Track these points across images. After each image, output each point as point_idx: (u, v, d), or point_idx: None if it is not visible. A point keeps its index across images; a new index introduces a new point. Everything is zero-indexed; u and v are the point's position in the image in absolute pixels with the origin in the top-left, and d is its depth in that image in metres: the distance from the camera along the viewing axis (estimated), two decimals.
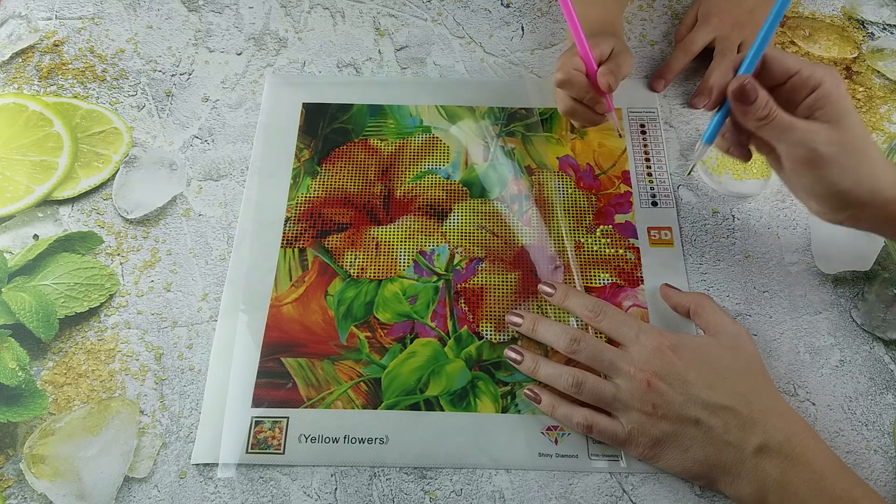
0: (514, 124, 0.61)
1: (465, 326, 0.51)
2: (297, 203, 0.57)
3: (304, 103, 0.62)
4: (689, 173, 0.52)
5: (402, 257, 0.54)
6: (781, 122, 0.42)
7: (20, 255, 0.52)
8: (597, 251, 0.54)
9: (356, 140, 0.60)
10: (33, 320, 0.49)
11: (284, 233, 0.55)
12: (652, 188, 0.58)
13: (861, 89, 0.63)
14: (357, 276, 0.53)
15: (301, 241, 0.55)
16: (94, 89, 0.63)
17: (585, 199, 0.57)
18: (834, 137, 0.42)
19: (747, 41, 0.62)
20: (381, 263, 0.54)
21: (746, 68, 0.43)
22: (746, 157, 0.48)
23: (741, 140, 0.47)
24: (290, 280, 0.53)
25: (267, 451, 0.47)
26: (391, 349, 0.50)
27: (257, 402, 0.48)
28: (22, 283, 0.51)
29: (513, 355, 0.49)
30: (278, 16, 0.68)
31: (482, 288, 0.53)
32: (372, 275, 0.53)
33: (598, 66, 0.52)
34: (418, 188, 0.58)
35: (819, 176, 0.43)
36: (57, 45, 0.66)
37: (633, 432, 0.44)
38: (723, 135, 0.47)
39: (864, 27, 0.67)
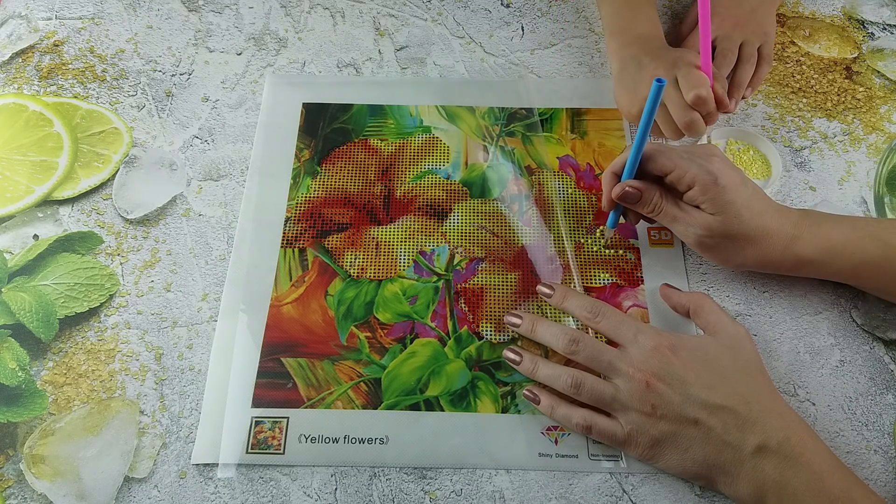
0: (514, 124, 0.61)
1: (465, 326, 0.51)
2: (297, 203, 0.57)
3: (304, 103, 0.62)
4: (605, 245, 0.55)
5: (402, 257, 0.54)
6: (667, 215, 0.49)
7: (20, 255, 0.52)
8: (597, 251, 0.54)
9: (356, 140, 0.60)
10: (33, 320, 0.49)
11: (284, 233, 0.55)
12: None
13: (861, 89, 0.63)
14: (357, 276, 0.53)
15: (301, 241, 0.55)
16: (94, 89, 0.63)
17: (585, 199, 0.57)
18: (715, 229, 0.48)
19: (748, 41, 0.62)
20: (381, 263, 0.54)
21: (627, 173, 0.49)
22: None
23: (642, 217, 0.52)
24: (290, 280, 0.53)
25: (267, 451, 0.47)
26: (391, 349, 0.50)
27: (257, 402, 0.48)
28: (22, 283, 0.51)
29: (512, 356, 0.49)
30: (278, 16, 0.68)
31: (482, 288, 0.53)
32: (372, 275, 0.53)
33: None
34: (418, 188, 0.58)
35: (711, 255, 0.51)
36: (57, 45, 0.66)
37: (632, 433, 0.44)
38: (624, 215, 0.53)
39: (864, 27, 0.67)
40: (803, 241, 0.48)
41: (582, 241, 0.55)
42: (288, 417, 0.48)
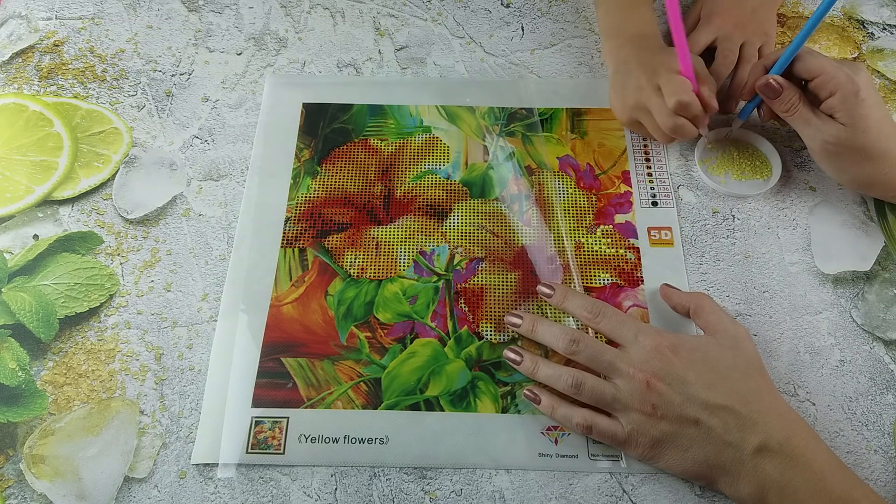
0: (514, 124, 0.61)
1: (465, 326, 0.51)
2: (297, 203, 0.57)
3: (304, 103, 0.62)
4: (727, 136, 0.58)
5: (402, 257, 0.54)
6: (801, 117, 0.51)
7: (20, 255, 0.52)
8: (597, 251, 0.54)
9: (356, 140, 0.60)
10: (33, 320, 0.49)
11: (284, 233, 0.55)
12: (652, 188, 0.58)
13: None
14: (357, 276, 0.53)
15: (301, 241, 0.55)
16: (94, 89, 0.63)
17: (585, 199, 0.57)
18: (841, 139, 0.50)
19: (749, 41, 0.62)
20: (381, 263, 0.54)
21: (777, 68, 0.51)
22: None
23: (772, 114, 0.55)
24: (290, 280, 0.53)
25: (267, 451, 0.47)
26: (391, 349, 0.50)
27: (257, 402, 0.48)
28: (22, 283, 0.51)
29: (512, 356, 0.49)
30: (278, 16, 0.68)
31: (482, 288, 0.53)
32: (372, 275, 0.53)
33: None
34: (418, 188, 0.58)
35: (828, 163, 0.53)
36: (57, 45, 0.66)
37: (632, 433, 0.44)
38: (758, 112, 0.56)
39: (864, 27, 0.67)
40: None
41: (582, 240, 0.55)
42: (288, 417, 0.48)
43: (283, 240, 0.55)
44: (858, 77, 0.49)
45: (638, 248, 0.55)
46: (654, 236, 0.55)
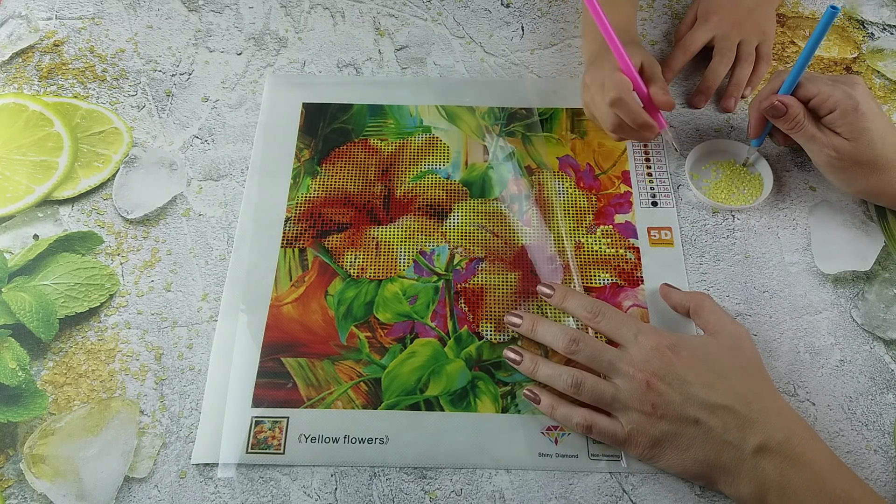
0: (514, 124, 0.61)
1: (465, 326, 0.51)
2: (297, 203, 0.57)
3: (304, 103, 0.62)
4: (747, 164, 0.58)
5: (402, 257, 0.54)
6: (806, 133, 0.52)
7: (20, 255, 0.52)
8: (597, 251, 0.54)
9: (356, 140, 0.60)
10: (33, 320, 0.49)
11: (284, 233, 0.55)
12: (652, 188, 0.58)
13: None
14: (357, 276, 0.53)
15: (301, 241, 0.55)
16: (94, 89, 0.63)
17: (585, 199, 0.57)
18: (847, 153, 0.50)
19: (747, 39, 0.62)
20: (381, 263, 0.54)
21: (785, 90, 0.52)
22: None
23: (785, 138, 0.56)
24: (290, 280, 0.53)
25: (267, 451, 0.47)
26: (391, 349, 0.50)
27: (257, 402, 0.48)
28: (22, 283, 0.51)
29: (512, 356, 0.49)
30: (278, 16, 0.68)
31: (482, 288, 0.53)
32: (372, 275, 0.53)
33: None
34: (418, 188, 0.58)
35: (835, 177, 0.53)
36: (57, 45, 0.66)
37: (632, 432, 0.44)
38: (770, 136, 0.57)
39: (864, 27, 0.67)
40: None
41: (582, 241, 0.55)
42: (288, 417, 0.48)
43: (283, 240, 0.55)
44: (855, 91, 0.50)
45: (638, 248, 0.55)
46: (654, 236, 0.55)
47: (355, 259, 0.54)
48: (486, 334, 0.51)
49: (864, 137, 0.49)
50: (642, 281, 0.53)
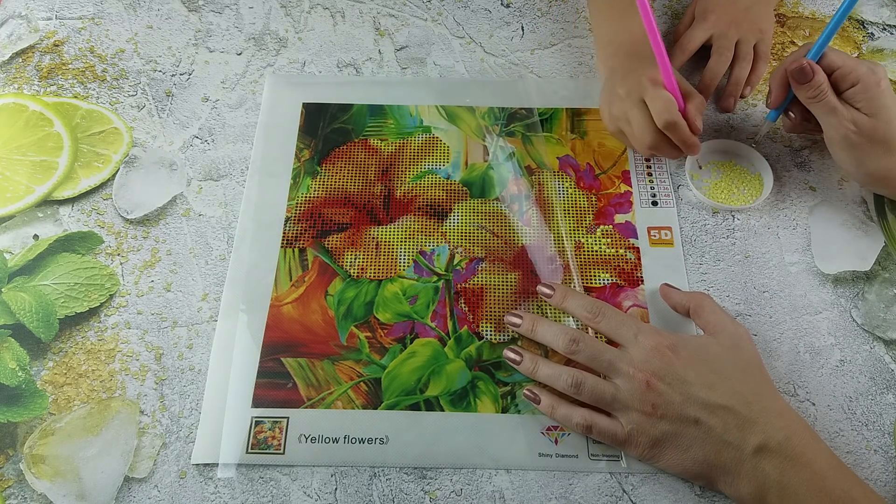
0: (514, 124, 0.61)
1: (465, 326, 0.51)
2: (297, 203, 0.57)
3: (304, 103, 0.62)
4: (757, 139, 0.59)
5: (402, 257, 0.54)
6: (827, 104, 0.51)
7: (20, 255, 0.52)
8: (597, 251, 0.54)
9: (356, 140, 0.60)
10: (33, 320, 0.49)
11: (284, 233, 0.55)
12: (652, 188, 0.58)
13: None
14: (357, 276, 0.53)
15: (301, 241, 0.55)
16: (94, 89, 0.63)
17: (585, 199, 0.57)
18: (865, 128, 0.50)
19: (744, 38, 0.62)
20: (381, 263, 0.54)
21: (813, 55, 0.51)
22: (816, 130, 0.55)
23: (801, 119, 0.55)
24: (290, 280, 0.53)
25: (267, 451, 0.47)
26: (391, 349, 0.50)
27: (257, 402, 0.48)
28: (22, 283, 0.51)
29: (512, 356, 0.49)
30: (278, 16, 0.68)
31: (482, 288, 0.53)
32: (372, 275, 0.53)
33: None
34: (418, 188, 0.58)
35: (848, 155, 0.52)
36: (57, 45, 0.66)
37: (632, 432, 0.44)
38: (786, 113, 0.56)
39: (864, 27, 0.67)
40: None
41: (582, 241, 0.55)
42: (288, 417, 0.48)
43: (283, 240, 0.55)
44: (877, 69, 0.50)
45: (638, 247, 0.55)
46: (654, 236, 0.55)
47: (355, 259, 0.54)
48: (486, 334, 0.51)
49: (883, 114, 0.49)
50: (642, 281, 0.53)
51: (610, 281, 0.53)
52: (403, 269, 0.54)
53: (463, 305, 0.52)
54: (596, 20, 0.64)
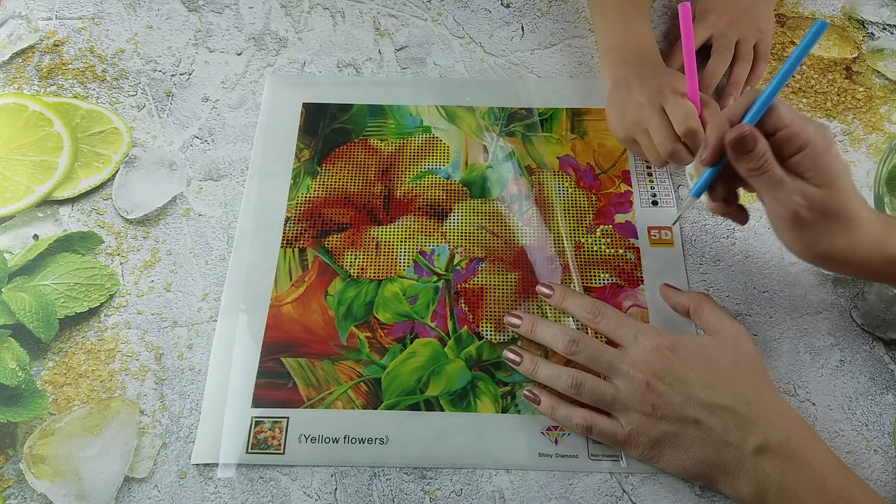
0: (514, 124, 0.61)
1: (465, 326, 0.51)
2: (297, 203, 0.57)
3: (304, 103, 0.62)
4: (675, 223, 0.55)
5: (402, 257, 0.54)
6: (772, 176, 0.42)
7: (20, 255, 0.52)
8: (597, 251, 0.54)
9: (356, 140, 0.60)
10: (33, 320, 0.49)
11: (284, 233, 0.55)
12: (652, 188, 0.58)
13: (861, 89, 0.63)
14: (357, 276, 0.53)
15: (301, 241, 0.55)
16: (94, 89, 0.63)
17: (585, 199, 0.57)
18: (817, 202, 0.42)
19: (744, 38, 0.62)
20: (381, 263, 0.54)
21: (751, 118, 0.42)
22: (741, 219, 0.48)
23: (731, 193, 0.47)
24: (290, 280, 0.53)
25: (267, 451, 0.47)
26: (391, 349, 0.50)
27: (257, 402, 0.48)
28: (22, 283, 0.51)
29: (511, 356, 0.49)
30: (278, 16, 0.68)
31: (482, 288, 0.53)
32: (372, 275, 0.53)
33: None
34: (418, 188, 0.58)
35: (799, 234, 0.44)
36: (57, 45, 0.66)
37: (632, 433, 0.44)
38: (713, 188, 0.47)
39: (864, 27, 0.67)
40: (893, 239, 0.43)
41: (582, 241, 0.55)
42: (288, 417, 0.48)
43: (283, 240, 0.55)
44: (827, 131, 0.42)
45: (638, 247, 0.55)
46: (654, 236, 0.55)
47: (355, 259, 0.54)
48: (486, 334, 0.51)
49: (836, 184, 0.41)
50: (642, 281, 0.53)
51: (610, 281, 0.53)
52: (403, 269, 0.54)
53: (463, 305, 0.52)
54: (598, 24, 0.64)
